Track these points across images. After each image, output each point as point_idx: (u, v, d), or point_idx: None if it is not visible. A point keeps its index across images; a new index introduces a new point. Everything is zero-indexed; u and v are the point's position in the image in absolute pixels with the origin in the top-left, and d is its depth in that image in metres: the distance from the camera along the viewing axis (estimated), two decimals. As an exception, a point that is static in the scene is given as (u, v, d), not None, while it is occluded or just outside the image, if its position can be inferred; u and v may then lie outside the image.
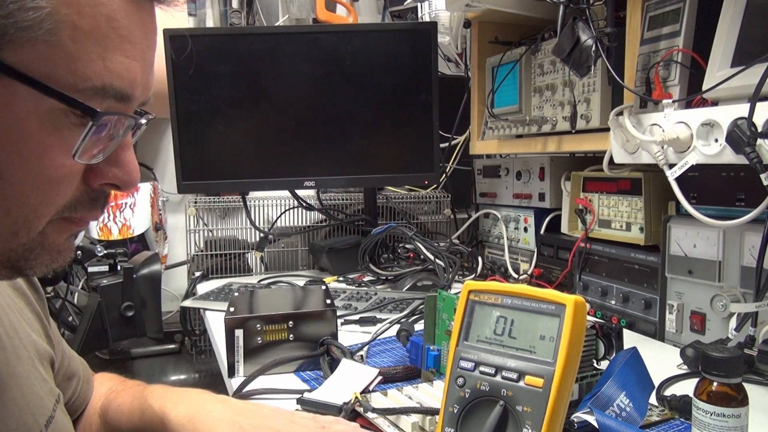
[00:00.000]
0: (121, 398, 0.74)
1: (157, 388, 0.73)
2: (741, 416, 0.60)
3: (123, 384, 0.79)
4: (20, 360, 0.58)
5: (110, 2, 0.41)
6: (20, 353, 0.58)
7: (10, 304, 0.61)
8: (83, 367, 0.77)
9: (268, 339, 0.92)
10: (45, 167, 0.42)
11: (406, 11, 1.96)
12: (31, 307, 0.65)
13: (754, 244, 0.91)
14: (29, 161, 0.41)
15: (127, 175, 0.48)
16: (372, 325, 1.12)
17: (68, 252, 0.49)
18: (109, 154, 0.47)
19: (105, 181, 0.47)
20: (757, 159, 0.79)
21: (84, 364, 0.78)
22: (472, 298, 0.59)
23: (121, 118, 0.46)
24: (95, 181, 0.47)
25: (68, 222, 0.47)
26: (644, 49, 1.03)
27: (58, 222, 0.46)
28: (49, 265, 0.47)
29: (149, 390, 0.73)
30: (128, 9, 0.43)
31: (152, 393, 0.71)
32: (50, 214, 0.45)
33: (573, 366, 0.53)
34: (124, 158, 0.48)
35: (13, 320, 0.60)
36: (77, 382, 0.74)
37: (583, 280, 1.28)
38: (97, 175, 0.47)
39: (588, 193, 1.31)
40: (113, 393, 0.77)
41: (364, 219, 1.78)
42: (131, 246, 1.76)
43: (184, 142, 1.56)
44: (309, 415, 0.70)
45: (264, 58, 1.55)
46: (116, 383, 0.80)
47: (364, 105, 1.59)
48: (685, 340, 1.02)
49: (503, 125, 1.47)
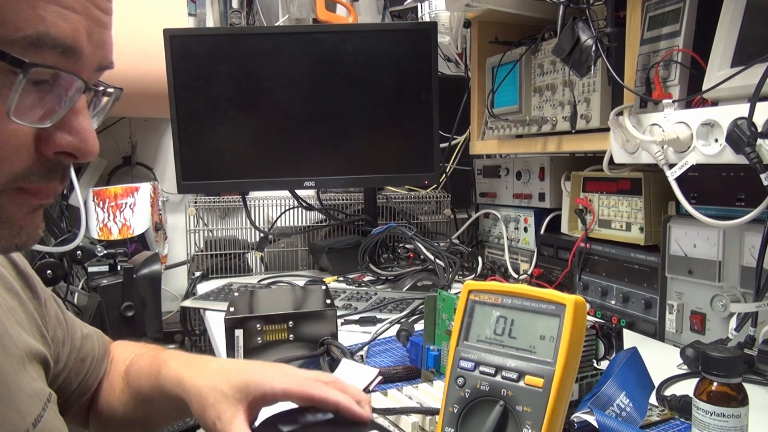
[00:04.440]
0: (142, 360, 0.75)
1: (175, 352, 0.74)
2: (741, 416, 0.60)
3: (144, 347, 0.80)
4: (8, 358, 0.57)
5: None
6: (9, 351, 0.58)
7: (1, 303, 0.61)
8: (100, 344, 0.78)
9: (268, 339, 0.92)
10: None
11: (406, 11, 1.96)
12: (24, 307, 0.65)
13: (754, 244, 0.91)
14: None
15: (82, 143, 0.46)
16: (372, 325, 1.12)
17: (32, 228, 0.47)
18: (60, 119, 0.44)
19: (57, 149, 0.45)
20: (757, 159, 0.79)
21: (101, 341, 0.79)
22: (472, 298, 0.59)
23: (67, 77, 0.43)
24: (47, 149, 0.45)
25: (24, 193, 0.45)
26: (644, 49, 1.03)
27: (13, 193, 0.44)
28: (10, 239, 0.46)
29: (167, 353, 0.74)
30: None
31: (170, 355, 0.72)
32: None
33: (573, 366, 0.53)
34: (77, 125, 0.45)
35: (3, 319, 0.59)
36: (90, 362, 0.76)
37: (583, 280, 1.28)
38: (49, 142, 0.44)
39: (588, 193, 1.31)
40: (136, 356, 0.78)
41: (364, 219, 1.79)
42: (131, 246, 1.76)
43: (184, 142, 1.56)
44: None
45: (264, 58, 1.56)
46: (138, 348, 0.81)
47: (364, 105, 1.59)
48: (685, 340, 1.02)
49: (503, 125, 1.47)
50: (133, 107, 1.85)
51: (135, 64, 1.65)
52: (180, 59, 1.53)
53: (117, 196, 1.80)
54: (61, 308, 0.73)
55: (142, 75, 1.66)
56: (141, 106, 1.81)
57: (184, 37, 1.55)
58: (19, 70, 0.40)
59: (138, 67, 1.66)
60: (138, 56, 1.65)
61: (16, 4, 0.39)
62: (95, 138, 0.47)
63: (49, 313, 0.69)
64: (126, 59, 1.64)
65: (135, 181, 1.99)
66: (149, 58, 1.64)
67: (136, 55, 1.65)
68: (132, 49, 1.65)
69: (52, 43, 0.41)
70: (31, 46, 0.40)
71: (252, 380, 0.61)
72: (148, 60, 1.65)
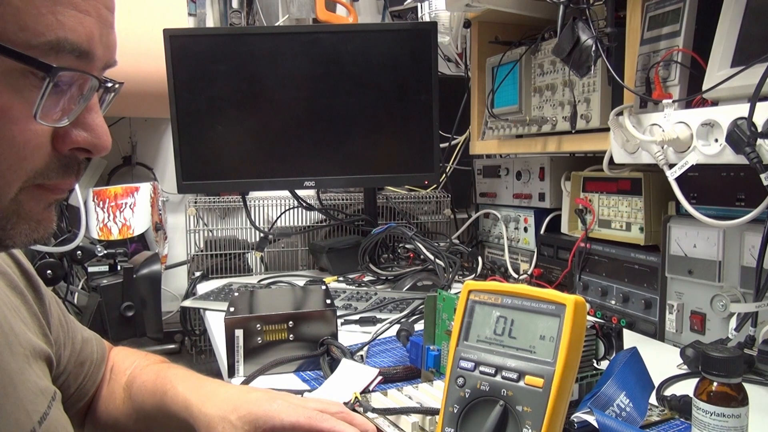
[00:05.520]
0: (145, 375, 0.76)
1: (180, 371, 0.74)
2: (741, 416, 0.60)
3: (146, 359, 0.81)
4: (14, 356, 0.58)
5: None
6: (14, 349, 0.58)
7: (6, 301, 0.61)
8: (98, 348, 0.79)
9: (268, 339, 0.92)
10: (8, 131, 0.42)
11: (406, 11, 1.96)
12: (28, 306, 0.65)
13: (754, 244, 0.91)
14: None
15: (97, 138, 0.47)
16: (372, 325, 1.12)
17: (48, 222, 0.49)
18: (75, 117, 0.46)
19: (74, 145, 0.47)
20: (757, 159, 0.79)
21: (100, 346, 0.79)
22: (472, 298, 0.59)
23: (82, 76, 0.45)
24: (64, 146, 0.46)
25: (42, 189, 0.47)
26: (644, 49, 1.03)
27: (32, 189, 0.46)
28: (29, 235, 0.47)
29: (173, 371, 0.74)
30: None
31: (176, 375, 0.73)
32: (20, 180, 0.44)
33: (573, 366, 0.53)
34: (91, 121, 0.47)
35: (9, 317, 0.60)
36: (89, 366, 0.76)
37: (583, 280, 1.28)
38: (65, 139, 0.46)
39: (588, 193, 1.31)
40: (138, 369, 0.78)
41: (364, 219, 1.78)
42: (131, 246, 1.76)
43: (184, 142, 1.56)
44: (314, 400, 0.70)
45: (264, 58, 1.55)
46: (139, 358, 0.81)
47: (364, 105, 1.59)
48: (685, 340, 1.02)
49: (503, 125, 1.47)
50: (133, 107, 1.85)
51: (135, 64, 1.65)
52: (180, 59, 1.53)
53: (117, 196, 1.80)
54: (63, 311, 0.73)
55: (142, 75, 1.66)
56: (141, 106, 1.81)
57: (184, 37, 1.55)
58: (45, 74, 0.42)
59: (138, 67, 1.66)
60: (138, 56, 1.65)
61: (36, 9, 0.41)
62: (108, 133, 0.49)
63: (51, 314, 0.69)
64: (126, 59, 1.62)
65: (135, 181, 1.99)
66: (149, 58, 1.64)
67: (136, 55, 1.65)
68: (132, 49, 1.65)
69: (71, 48, 0.43)
70: (51, 51, 0.42)
71: (261, 413, 0.62)
72: (148, 60, 1.65)
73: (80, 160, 0.48)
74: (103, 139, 0.48)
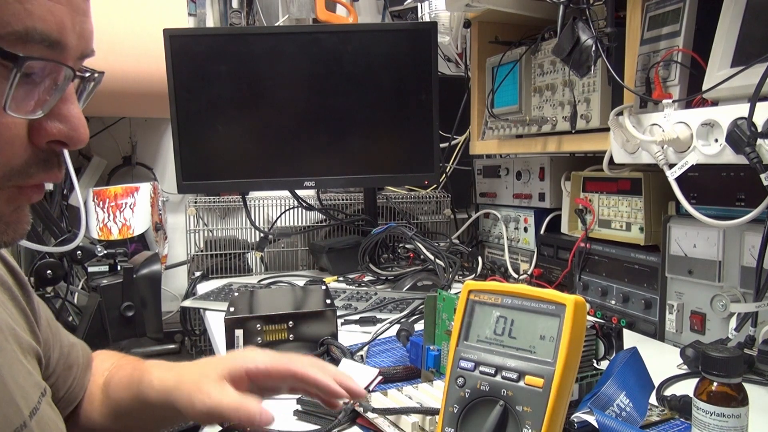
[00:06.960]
0: (121, 372, 0.75)
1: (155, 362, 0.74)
2: (741, 416, 0.60)
3: (125, 359, 0.80)
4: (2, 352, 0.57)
5: None
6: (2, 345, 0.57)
7: None
8: (84, 353, 0.78)
9: (268, 339, 0.92)
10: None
11: (406, 11, 1.96)
12: (16, 302, 0.64)
13: (754, 244, 0.91)
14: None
15: (73, 130, 0.46)
16: (372, 325, 1.12)
17: (19, 224, 0.48)
18: (51, 108, 0.45)
19: (50, 137, 0.45)
20: (757, 159, 0.79)
21: (85, 351, 0.78)
22: (472, 298, 0.59)
23: (55, 66, 0.44)
24: (41, 139, 0.45)
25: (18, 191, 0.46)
26: (644, 49, 1.03)
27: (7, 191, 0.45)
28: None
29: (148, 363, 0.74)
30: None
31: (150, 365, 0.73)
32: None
33: (573, 366, 0.53)
34: (67, 112, 0.46)
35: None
36: (76, 370, 0.75)
37: (583, 280, 1.28)
38: (41, 132, 0.45)
39: (588, 193, 1.31)
40: (115, 368, 0.77)
41: (364, 219, 1.79)
42: (131, 246, 1.76)
43: (184, 142, 1.56)
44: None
45: (264, 58, 1.56)
46: (117, 359, 0.80)
47: (364, 105, 1.59)
48: (685, 340, 1.02)
49: (503, 125, 1.47)
50: (133, 107, 1.85)
51: (135, 64, 1.65)
52: (180, 59, 1.53)
53: (117, 196, 1.80)
54: (49, 313, 0.72)
55: (142, 75, 1.66)
56: (141, 106, 1.81)
57: (184, 37, 1.55)
58: (12, 64, 0.41)
59: (138, 67, 1.66)
60: (138, 56, 1.65)
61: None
62: (85, 125, 0.48)
63: (40, 315, 0.68)
64: (126, 59, 1.64)
65: (135, 181, 1.99)
66: (149, 58, 1.64)
67: (136, 55, 1.65)
68: (132, 49, 1.65)
69: (40, 37, 0.42)
70: (19, 41, 0.41)
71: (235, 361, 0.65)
72: (148, 60, 1.65)
73: (58, 153, 0.47)
74: (80, 131, 0.47)
